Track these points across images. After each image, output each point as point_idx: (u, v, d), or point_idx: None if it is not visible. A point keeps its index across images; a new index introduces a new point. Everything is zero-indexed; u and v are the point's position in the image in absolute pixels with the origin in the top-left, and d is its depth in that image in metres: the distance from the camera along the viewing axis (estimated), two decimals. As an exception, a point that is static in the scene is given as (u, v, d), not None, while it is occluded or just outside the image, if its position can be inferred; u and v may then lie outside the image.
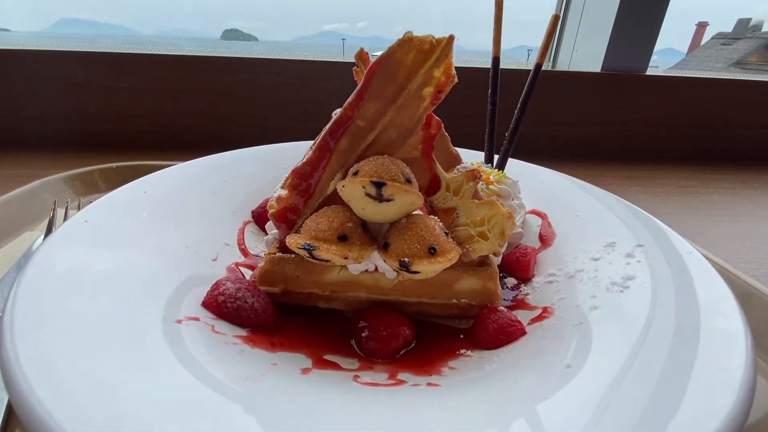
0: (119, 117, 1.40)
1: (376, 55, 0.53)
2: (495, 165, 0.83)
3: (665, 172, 1.48)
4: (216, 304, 0.51)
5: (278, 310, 0.56)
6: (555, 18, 0.72)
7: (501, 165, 0.82)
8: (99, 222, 0.58)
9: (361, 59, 0.61)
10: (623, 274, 0.57)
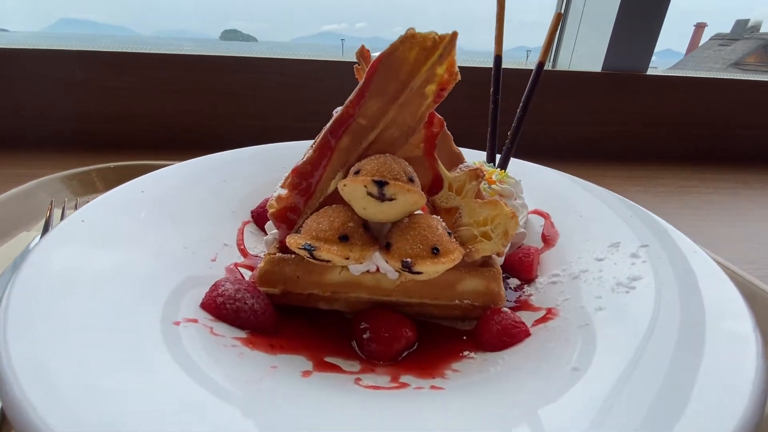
0: (119, 117, 1.39)
1: (377, 55, 0.52)
2: (497, 164, 0.82)
3: (666, 172, 1.48)
4: (215, 306, 0.50)
5: (278, 312, 0.55)
6: (558, 16, 0.71)
7: (503, 164, 0.81)
8: (96, 222, 0.57)
9: (363, 56, 0.60)
10: (628, 275, 0.56)
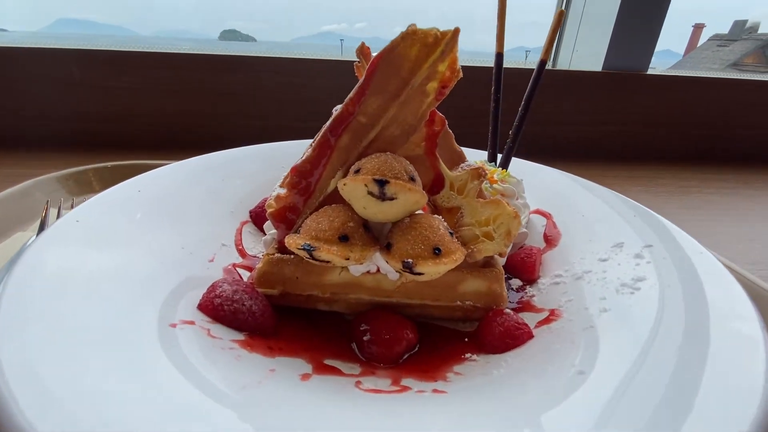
0: (119, 117, 1.38)
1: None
2: (498, 163, 0.82)
3: (666, 172, 1.47)
4: (212, 307, 0.49)
5: (277, 313, 0.54)
6: (560, 14, 0.70)
7: (505, 163, 0.81)
8: (91, 222, 0.56)
9: (363, 54, 0.59)
10: (633, 276, 0.55)
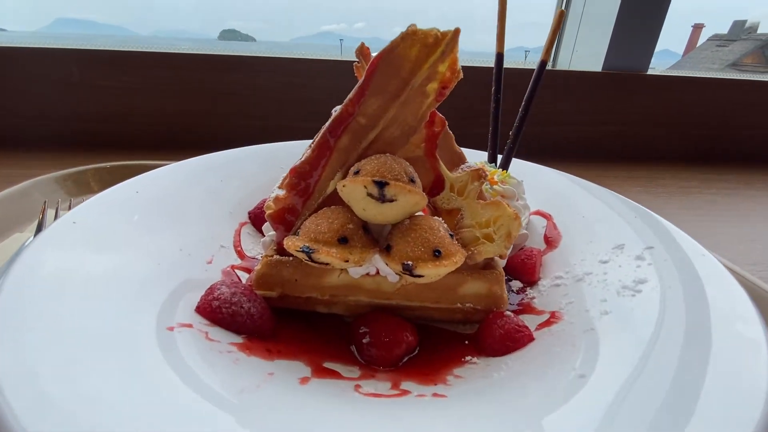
0: (118, 117, 1.38)
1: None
2: (499, 164, 0.81)
3: (666, 173, 1.47)
4: (210, 310, 0.49)
5: (275, 315, 0.54)
6: (560, 13, 0.70)
7: (505, 164, 0.80)
8: (88, 223, 0.56)
9: (363, 54, 0.59)
10: (634, 278, 0.55)
